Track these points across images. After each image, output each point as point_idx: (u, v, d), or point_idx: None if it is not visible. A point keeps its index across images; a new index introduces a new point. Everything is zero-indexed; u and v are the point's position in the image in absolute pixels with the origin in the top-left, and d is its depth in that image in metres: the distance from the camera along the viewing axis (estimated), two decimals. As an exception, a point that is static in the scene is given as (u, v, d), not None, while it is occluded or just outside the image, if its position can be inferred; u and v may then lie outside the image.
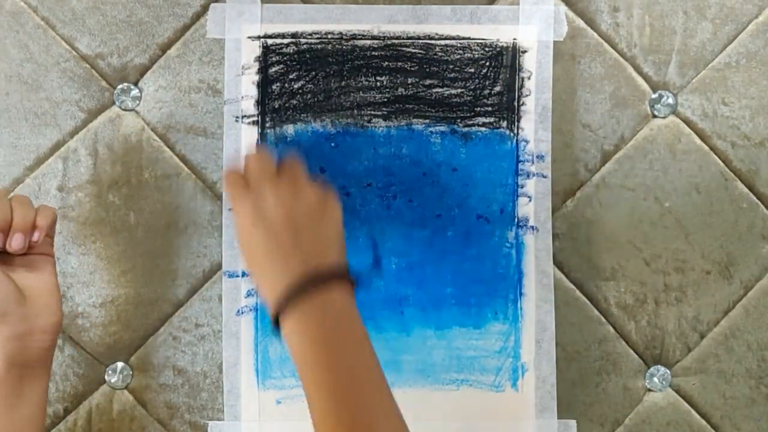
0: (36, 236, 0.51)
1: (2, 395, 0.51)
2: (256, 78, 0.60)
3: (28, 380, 0.52)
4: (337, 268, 0.49)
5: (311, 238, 0.49)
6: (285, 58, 0.60)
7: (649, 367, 0.62)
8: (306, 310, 0.47)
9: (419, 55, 0.61)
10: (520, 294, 0.60)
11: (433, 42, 0.60)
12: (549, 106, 0.61)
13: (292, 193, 0.50)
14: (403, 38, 0.61)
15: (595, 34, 0.62)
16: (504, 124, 0.61)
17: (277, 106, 0.60)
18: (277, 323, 0.48)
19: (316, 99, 0.60)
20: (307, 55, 0.60)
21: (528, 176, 0.60)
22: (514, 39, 0.60)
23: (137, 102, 0.61)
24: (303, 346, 0.47)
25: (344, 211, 0.59)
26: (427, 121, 0.61)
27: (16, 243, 0.50)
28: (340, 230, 0.51)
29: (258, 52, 0.60)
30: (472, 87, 0.60)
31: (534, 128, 0.60)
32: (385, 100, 0.61)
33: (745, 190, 0.62)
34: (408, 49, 0.61)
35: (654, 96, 0.62)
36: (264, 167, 0.51)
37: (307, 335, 0.47)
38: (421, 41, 0.60)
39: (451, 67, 0.60)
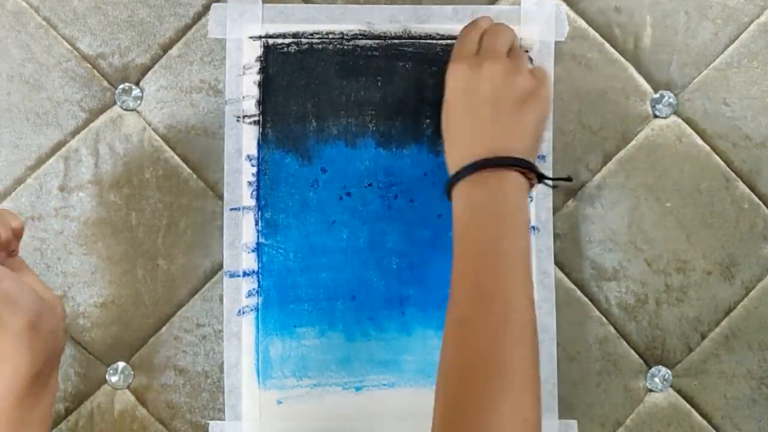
0: (14, 245, 0.52)
1: (29, 391, 0.51)
2: (258, 78, 0.60)
3: (52, 378, 0.53)
4: (521, 159, 0.50)
5: (508, 123, 0.51)
6: (286, 58, 0.60)
7: (650, 368, 0.62)
8: (477, 184, 0.50)
9: (420, 54, 0.61)
10: (521, 294, 0.60)
11: (434, 42, 0.60)
12: (550, 106, 0.60)
13: (509, 76, 0.51)
14: (404, 38, 0.61)
15: (597, 35, 0.62)
16: (505, 124, 0.60)
17: (278, 106, 0.60)
18: (449, 194, 0.51)
19: (317, 99, 0.60)
20: (309, 55, 0.60)
21: (529, 176, 0.60)
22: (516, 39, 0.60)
23: (138, 102, 0.61)
24: (464, 212, 0.50)
25: (345, 211, 0.60)
26: (428, 120, 0.61)
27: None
28: (540, 125, 0.53)
29: (259, 52, 0.60)
30: (474, 87, 0.60)
31: (535, 128, 0.60)
32: (386, 99, 0.61)
33: (747, 190, 0.62)
34: (409, 49, 0.61)
35: (655, 96, 0.62)
36: (499, 42, 0.53)
37: (470, 204, 0.50)
38: (422, 41, 0.60)
39: (452, 67, 0.60)
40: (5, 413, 0.50)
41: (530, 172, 0.51)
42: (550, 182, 0.55)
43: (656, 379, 0.62)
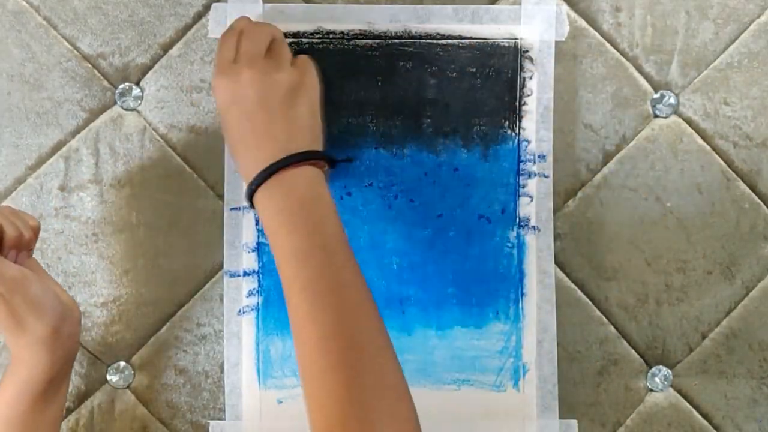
0: (32, 245, 0.52)
1: (45, 394, 0.52)
2: (258, 78, 0.60)
3: (65, 382, 0.54)
4: (306, 152, 0.50)
5: (284, 122, 0.51)
6: (286, 58, 0.60)
7: (650, 368, 0.62)
8: (275, 187, 0.49)
9: (421, 54, 0.60)
10: (522, 294, 0.60)
11: (434, 41, 0.60)
12: (551, 106, 0.60)
13: (270, 76, 0.51)
14: (404, 38, 0.60)
15: (597, 34, 0.62)
16: (505, 123, 0.60)
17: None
18: (252, 205, 0.51)
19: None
20: (309, 55, 0.60)
21: (529, 176, 0.60)
22: (516, 39, 0.60)
23: (139, 102, 0.61)
24: (271, 218, 0.49)
25: (345, 211, 0.60)
26: (428, 120, 0.61)
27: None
28: (315, 114, 0.53)
29: (259, 51, 0.60)
30: (474, 87, 0.60)
31: (535, 128, 0.60)
32: (386, 99, 0.60)
33: (747, 190, 0.62)
34: (409, 49, 0.60)
35: (656, 96, 0.62)
36: (253, 46, 0.52)
37: (274, 208, 0.49)
38: (422, 41, 0.60)
39: (452, 66, 0.60)
40: (19, 416, 0.50)
41: (320, 160, 0.51)
42: (336, 164, 0.55)
43: (657, 379, 0.62)
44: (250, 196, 0.50)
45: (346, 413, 0.43)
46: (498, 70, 0.60)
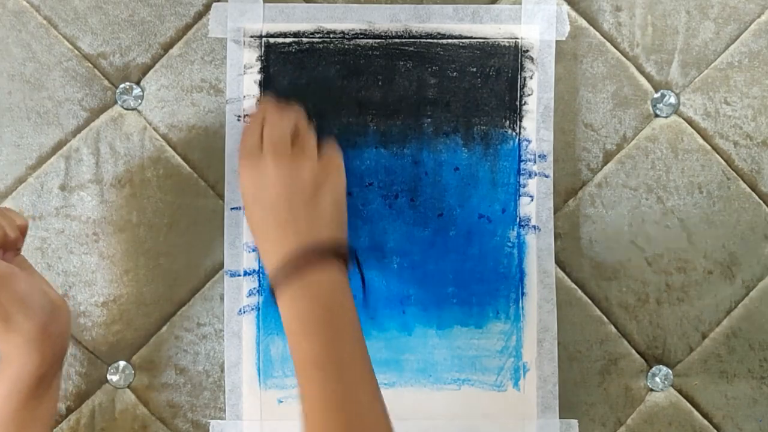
0: (20, 244, 0.52)
1: (35, 392, 0.51)
2: (258, 77, 0.60)
3: (56, 379, 0.53)
4: (330, 245, 0.50)
5: (308, 214, 0.50)
6: (287, 58, 0.60)
7: (650, 367, 0.62)
8: (297, 285, 0.48)
9: (421, 54, 0.61)
10: (522, 293, 0.60)
11: (434, 41, 0.60)
12: (551, 105, 0.60)
13: (296, 169, 0.51)
14: (404, 37, 0.60)
15: (598, 34, 0.62)
16: (506, 123, 0.61)
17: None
18: (272, 296, 0.50)
19: (317, 98, 0.60)
20: (309, 55, 0.60)
21: (530, 176, 0.60)
22: (517, 38, 0.60)
23: (139, 101, 0.61)
24: (292, 320, 0.49)
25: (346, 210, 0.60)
26: (429, 120, 0.61)
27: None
28: (340, 206, 0.52)
29: (260, 51, 0.60)
30: (474, 86, 0.60)
31: (536, 128, 0.60)
32: (387, 99, 0.61)
33: (748, 189, 0.62)
34: (410, 49, 0.61)
35: (656, 95, 0.62)
36: (278, 135, 0.52)
37: (296, 311, 0.48)
38: (422, 40, 0.60)
39: (452, 66, 0.60)
40: (10, 414, 0.50)
41: (344, 256, 0.51)
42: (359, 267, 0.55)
43: (657, 379, 0.62)
44: (272, 289, 0.50)
45: None
46: (498, 69, 0.60)
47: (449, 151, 0.60)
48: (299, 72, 0.60)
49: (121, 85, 0.61)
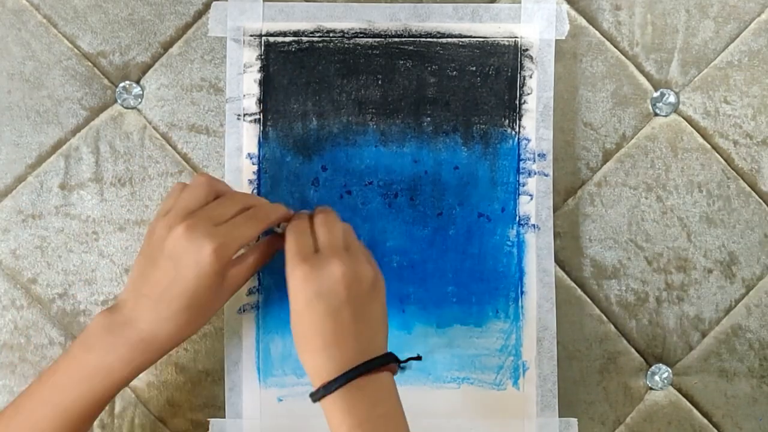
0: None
1: (110, 394, 0.51)
2: (258, 76, 0.60)
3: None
4: (384, 356, 0.50)
5: (365, 322, 0.50)
6: (287, 57, 0.60)
7: (650, 366, 0.62)
8: (355, 397, 0.48)
9: (420, 53, 0.61)
10: (522, 292, 0.60)
11: (434, 40, 0.60)
12: (550, 104, 0.60)
13: (356, 271, 0.50)
14: (404, 36, 0.61)
15: (597, 33, 0.62)
16: (505, 122, 0.61)
17: (278, 105, 0.60)
18: (316, 397, 0.49)
19: (317, 97, 0.60)
20: (309, 54, 0.60)
21: (529, 174, 0.60)
22: (516, 37, 0.60)
23: (139, 100, 0.61)
24: (344, 427, 0.47)
25: (345, 209, 0.60)
26: (429, 119, 0.61)
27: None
28: (385, 310, 0.52)
29: (260, 50, 0.60)
30: (474, 85, 0.60)
31: (535, 126, 0.60)
32: (387, 98, 0.61)
33: (747, 188, 0.62)
34: (409, 48, 0.61)
35: (656, 94, 0.62)
36: (334, 237, 0.51)
37: (352, 420, 0.47)
38: (422, 39, 0.60)
39: (452, 65, 0.60)
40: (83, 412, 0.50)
41: (393, 365, 0.50)
42: (403, 364, 0.55)
43: (656, 378, 0.62)
44: (319, 396, 0.49)
45: None
46: (498, 68, 0.60)
47: (449, 150, 0.61)
48: (299, 71, 0.60)
49: (121, 84, 0.61)
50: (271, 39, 0.60)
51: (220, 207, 0.50)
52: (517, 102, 0.60)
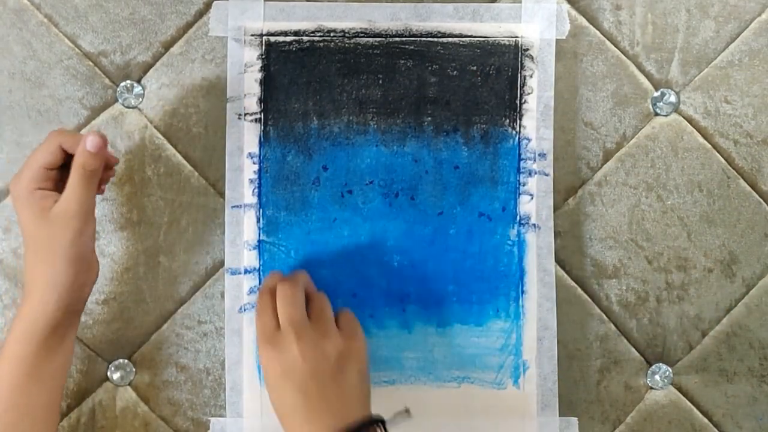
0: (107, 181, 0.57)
1: (49, 341, 0.52)
2: (259, 76, 0.60)
3: (68, 338, 0.54)
4: (363, 422, 0.50)
5: (337, 391, 0.50)
6: (288, 56, 0.60)
7: (650, 365, 0.62)
8: None
9: (421, 52, 0.61)
10: (522, 292, 0.60)
11: (434, 40, 0.61)
12: (551, 104, 0.61)
13: (319, 346, 0.50)
14: (405, 36, 0.61)
15: (598, 32, 0.62)
16: (506, 122, 0.61)
17: (279, 104, 0.60)
18: None
19: (318, 97, 0.60)
20: (310, 53, 0.60)
21: (530, 174, 0.60)
22: (517, 37, 0.60)
23: (140, 99, 0.61)
24: None
25: (346, 208, 0.60)
26: (429, 118, 0.61)
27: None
28: (365, 377, 0.53)
29: (261, 49, 0.60)
30: (474, 85, 0.61)
31: (536, 126, 0.61)
32: (387, 97, 0.61)
33: (748, 188, 0.62)
34: (410, 47, 0.61)
35: (656, 94, 0.62)
36: (294, 311, 0.51)
37: None
38: (423, 39, 0.61)
39: (453, 65, 0.60)
40: (23, 357, 0.51)
41: (376, 425, 0.51)
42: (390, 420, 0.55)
43: (657, 377, 0.62)
44: None
45: None
46: (498, 68, 0.61)
47: (449, 149, 0.61)
48: (300, 70, 0.60)
49: (122, 84, 0.61)
50: (272, 38, 0.60)
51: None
52: (518, 101, 0.61)
